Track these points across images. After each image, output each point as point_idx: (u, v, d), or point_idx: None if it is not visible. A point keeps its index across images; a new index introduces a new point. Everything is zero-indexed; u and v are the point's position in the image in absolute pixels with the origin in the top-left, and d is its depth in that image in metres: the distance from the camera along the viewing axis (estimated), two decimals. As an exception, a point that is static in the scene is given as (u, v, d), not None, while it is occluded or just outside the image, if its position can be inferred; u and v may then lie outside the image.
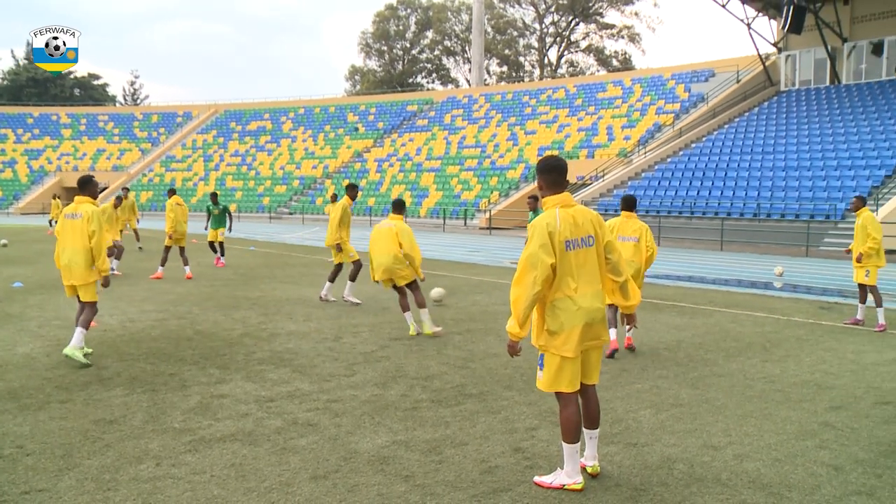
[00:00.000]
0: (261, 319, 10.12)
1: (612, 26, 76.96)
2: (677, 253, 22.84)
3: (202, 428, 5.48)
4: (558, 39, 79.17)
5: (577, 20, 76.79)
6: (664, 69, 47.84)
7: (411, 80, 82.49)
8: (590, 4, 74.75)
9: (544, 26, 78.93)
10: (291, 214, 46.58)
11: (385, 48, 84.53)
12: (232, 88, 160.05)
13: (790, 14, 33.35)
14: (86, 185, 7.72)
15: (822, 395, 6.49)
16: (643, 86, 46.09)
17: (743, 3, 38.00)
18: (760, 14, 39.43)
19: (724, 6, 37.69)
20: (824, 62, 37.74)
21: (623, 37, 77.13)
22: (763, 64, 40.25)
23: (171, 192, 15.78)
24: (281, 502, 4.23)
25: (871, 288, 10.03)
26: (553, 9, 77.10)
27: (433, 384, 6.77)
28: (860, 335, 9.42)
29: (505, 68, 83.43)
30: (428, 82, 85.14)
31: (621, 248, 5.94)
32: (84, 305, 7.63)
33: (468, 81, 75.72)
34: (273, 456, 4.93)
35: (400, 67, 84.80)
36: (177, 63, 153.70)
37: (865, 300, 10.23)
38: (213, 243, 17.59)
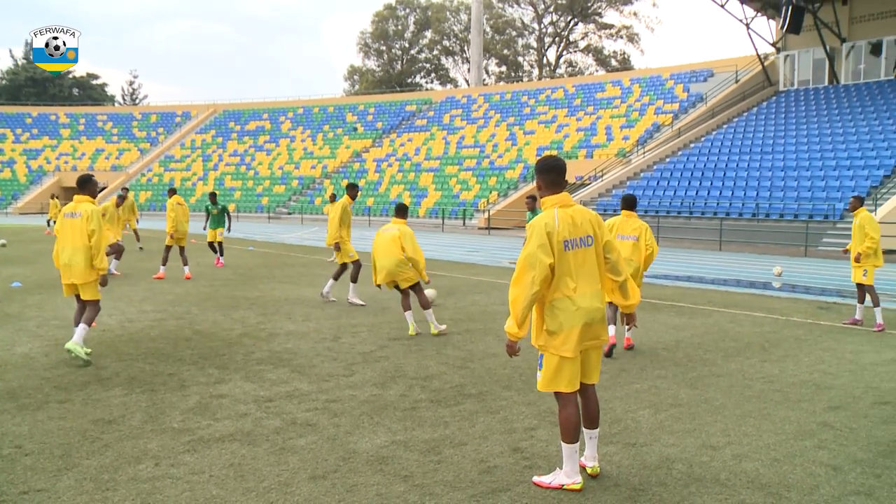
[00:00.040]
0: (260, 319, 10.12)
1: (611, 26, 77.08)
2: (676, 253, 22.85)
3: (201, 428, 5.48)
4: (557, 39, 79.22)
5: (576, 20, 76.84)
6: (663, 69, 47.84)
7: (410, 80, 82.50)
8: (588, 4, 74.78)
9: (543, 26, 79.04)
10: (290, 214, 46.56)
11: (384, 48, 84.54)
12: (231, 88, 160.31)
13: (789, 14, 33.37)
14: (85, 184, 7.72)
15: (821, 395, 6.49)
16: (642, 86, 46.09)
17: (741, 3, 37.99)
18: (759, 14, 39.43)
19: (723, 6, 37.71)
20: (823, 62, 37.75)
21: (622, 37, 77.27)
22: (762, 64, 40.28)
23: (172, 192, 15.77)
24: (280, 502, 4.23)
25: (868, 288, 10.04)
26: (552, 9, 77.15)
27: (432, 384, 6.77)
28: (859, 335, 9.43)
29: (504, 68, 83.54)
30: (427, 82, 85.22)
31: (620, 247, 5.95)
32: (86, 304, 7.63)
33: (467, 81, 75.79)
34: (272, 456, 4.93)
35: (399, 67, 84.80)
36: (176, 63, 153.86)
37: (864, 300, 10.24)
38: (213, 244, 17.56)
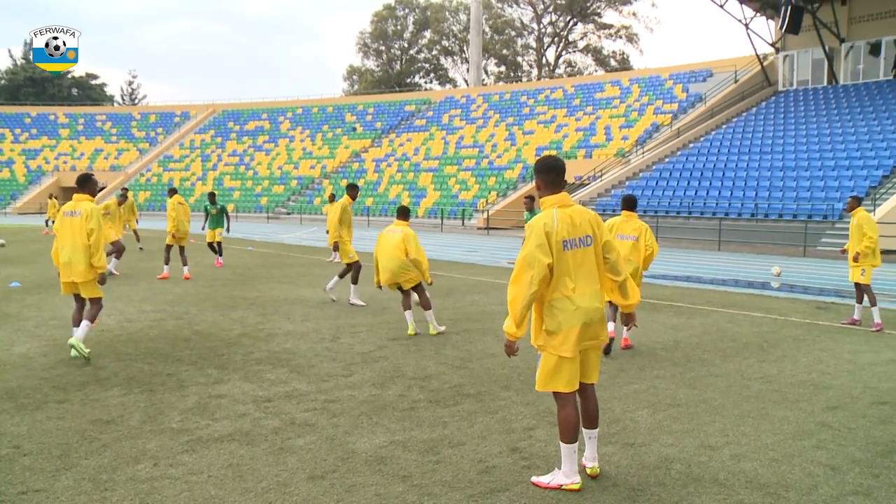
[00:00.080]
0: (258, 319, 10.12)
1: (610, 26, 77.12)
2: (675, 253, 22.85)
3: (200, 428, 5.48)
4: (556, 39, 79.23)
5: (575, 20, 76.86)
6: (662, 69, 47.84)
7: (409, 80, 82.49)
8: (588, 4, 74.79)
9: (542, 26, 79.07)
10: (289, 214, 46.55)
11: (383, 48, 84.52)
12: (230, 88, 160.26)
13: (788, 14, 33.38)
14: (85, 183, 7.72)
15: (819, 396, 6.50)
16: (641, 86, 46.10)
17: (741, 4, 38.00)
18: (758, 14, 39.44)
19: (722, 6, 37.72)
20: (822, 62, 37.76)
21: (621, 37, 77.31)
22: (761, 64, 40.29)
23: (172, 192, 15.76)
24: (278, 502, 4.23)
25: (865, 287, 10.05)
26: (551, 9, 77.17)
27: (431, 384, 6.77)
28: (857, 335, 9.44)
29: (503, 68, 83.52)
30: (426, 82, 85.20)
31: (619, 246, 5.95)
32: (86, 302, 7.65)
33: (466, 81, 75.79)
34: (270, 456, 4.93)
35: (398, 67, 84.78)
36: (175, 63, 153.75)
37: (862, 300, 10.25)
38: (213, 244, 17.55)
